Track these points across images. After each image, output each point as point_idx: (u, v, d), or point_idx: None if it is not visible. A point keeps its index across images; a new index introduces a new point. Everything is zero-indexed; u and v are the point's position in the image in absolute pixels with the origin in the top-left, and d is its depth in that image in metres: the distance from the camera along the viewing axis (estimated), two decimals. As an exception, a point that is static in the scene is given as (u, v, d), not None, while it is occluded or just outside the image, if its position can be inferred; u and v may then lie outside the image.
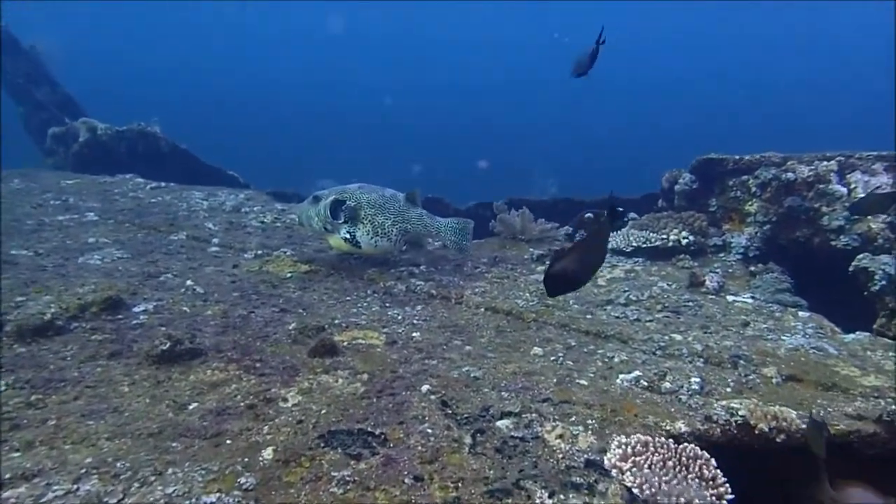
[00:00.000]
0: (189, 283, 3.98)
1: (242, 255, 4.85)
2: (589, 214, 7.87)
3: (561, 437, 2.35)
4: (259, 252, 4.90)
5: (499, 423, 2.51)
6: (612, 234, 5.70)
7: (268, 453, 2.20)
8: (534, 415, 2.53)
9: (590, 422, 2.53)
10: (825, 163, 5.12)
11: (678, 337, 3.54)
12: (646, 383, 2.90)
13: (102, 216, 5.66)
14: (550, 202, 8.94)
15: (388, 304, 4.03)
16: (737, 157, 5.73)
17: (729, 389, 2.88)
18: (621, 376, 2.97)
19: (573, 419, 2.53)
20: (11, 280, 3.67)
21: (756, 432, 2.39)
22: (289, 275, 4.43)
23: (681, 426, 2.48)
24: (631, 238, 5.40)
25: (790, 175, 5.23)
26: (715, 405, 2.61)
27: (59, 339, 2.92)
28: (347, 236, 4.54)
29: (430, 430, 2.42)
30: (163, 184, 7.53)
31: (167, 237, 5.18)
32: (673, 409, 2.65)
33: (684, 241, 5.34)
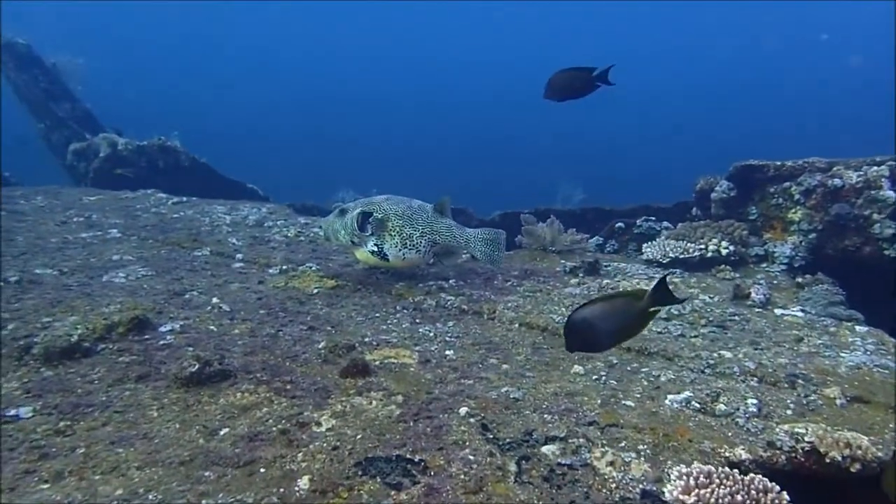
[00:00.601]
0: (215, 300, 3.95)
1: (267, 270, 4.82)
2: (620, 224, 7.74)
3: (612, 464, 2.24)
4: (284, 267, 4.87)
5: (544, 449, 2.40)
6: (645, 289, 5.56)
7: (304, 483, 2.13)
8: (581, 439, 2.42)
9: (641, 447, 2.41)
10: (875, 168, 4.94)
11: (727, 354, 3.40)
12: (698, 405, 2.77)
13: (125, 233, 5.70)
14: (579, 211, 8.82)
15: (418, 321, 3.95)
16: (777, 162, 5.57)
17: (790, 412, 2.74)
18: (670, 397, 2.84)
19: (623, 444, 2.42)
20: (37, 300, 3.68)
21: (827, 461, 2.25)
22: (315, 290, 4.39)
23: (741, 453, 2.35)
24: (668, 248, 5.26)
25: (837, 181, 5.06)
26: (777, 430, 2.48)
27: (86, 362, 2.90)
28: (375, 249, 4.48)
29: (471, 457, 2.32)
30: (184, 198, 7.58)
31: (191, 253, 5.18)
32: (730, 434, 2.52)
33: (724, 252, 5.18)
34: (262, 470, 2.18)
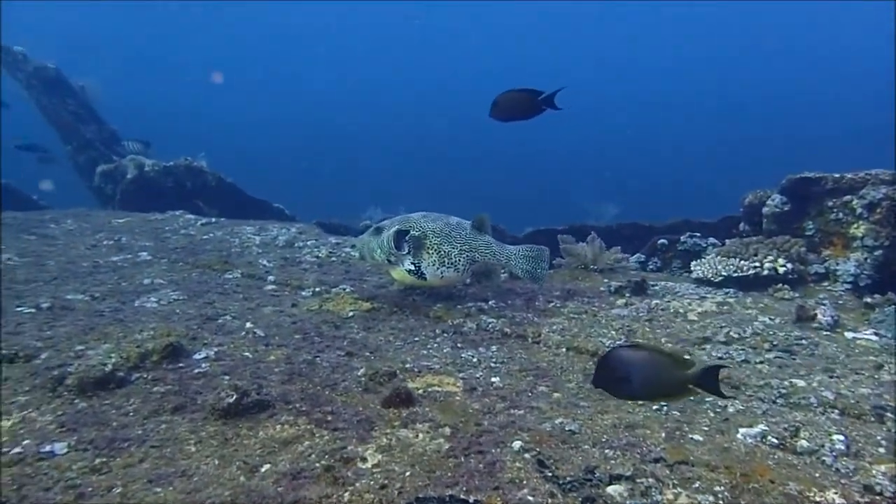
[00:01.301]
0: (248, 325, 3.89)
1: (300, 292, 4.77)
2: (663, 241, 7.54)
3: (690, 508, 2.07)
4: (317, 289, 4.81)
5: (610, 490, 2.24)
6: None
7: (353, 527, 2.01)
8: (649, 479, 2.26)
9: (718, 489, 2.24)
10: (947, 177, 4.69)
11: (800, 383, 3.19)
12: (775, 440, 2.58)
13: (156, 255, 5.72)
14: (615, 227, 8.64)
15: (459, 345, 3.84)
16: (836, 175, 5.35)
17: (882, 450, 2.53)
18: (742, 430, 2.66)
19: (697, 485, 2.25)
20: (69, 327, 3.66)
21: (935, 507, 2.05)
22: (351, 313, 4.31)
23: (833, 497, 2.16)
24: (719, 266, 5.05)
25: (904, 192, 4.82)
26: (872, 470, 2.28)
27: (120, 392, 2.84)
28: (412, 268, 4.39)
29: (531, 498, 2.18)
30: (213, 219, 7.64)
31: (221, 276, 5.17)
32: (817, 475, 2.33)
33: (781, 269, 4.96)
34: (307, 512, 2.07)
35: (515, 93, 4.04)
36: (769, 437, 2.58)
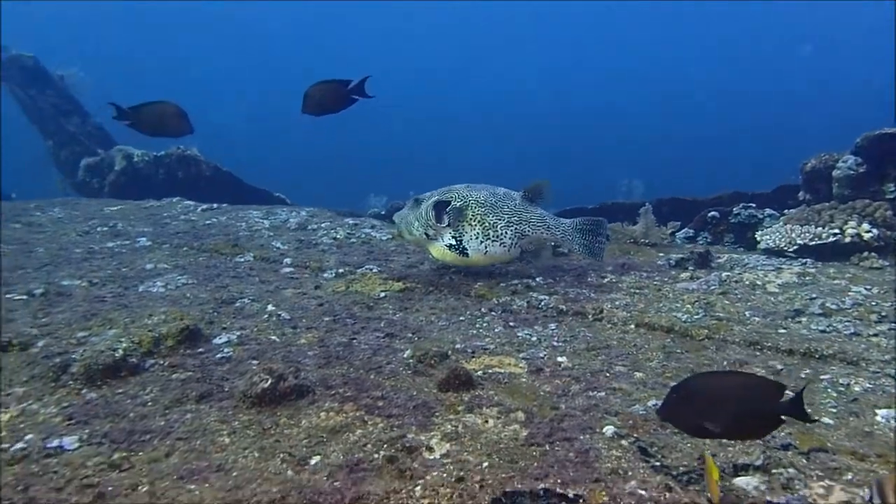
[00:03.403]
0: (270, 308, 3.64)
1: (321, 274, 4.51)
2: (714, 213, 7.25)
3: None
4: (340, 270, 4.55)
5: (739, 482, 1.98)
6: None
7: (433, 527, 1.75)
8: (789, 470, 1.99)
9: (871, 475, 1.97)
10: None
11: (927, 354, 2.92)
12: (922, 420, 2.31)
13: (156, 241, 5.47)
14: (654, 203, 8.36)
15: (512, 324, 3.57)
16: (922, 127, 5.05)
17: None
18: (882, 413, 2.39)
19: (850, 477, 1.97)
20: (68, 314, 3.42)
21: None
22: (382, 294, 4.05)
23: None
24: (794, 235, 4.76)
25: None
26: None
27: (134, 381, 2.59)
28: (453, 242, 4.12)
29: (643, 492, 1.91)
30: (214, 205, 7.39)
31: (232, 259, 4.91)
32: None
33: (867, 236, 4.66)
34: (374, 510, 1.82)
35: (324, 85, 3.82)
36: (914, 418, 2.31)
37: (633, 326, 3.55)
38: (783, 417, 1.76)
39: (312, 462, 2.06)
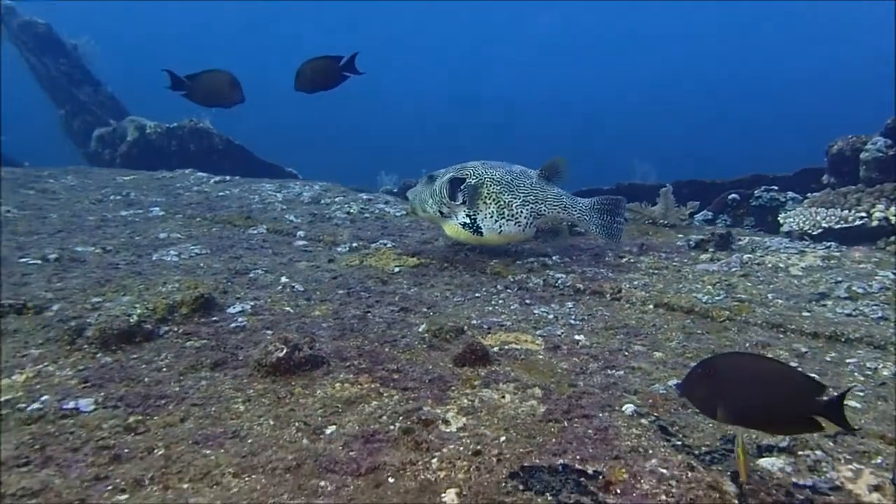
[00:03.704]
0: (284, 279, 3.63)
1: (335, 248, 4.50)
2: (734, 195, 7.16)
3: (878, 489, 1.77)
4: (354, 245, 4.53)
5: (763, 463, 1.95)
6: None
7: (450, 498, 1.74)
8: (816, 452, 1.95)
9: (899, 460, 1.93)
10: None
11: (958, 340, 2.86)
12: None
13: (169, 210, 5.48)
14: (673, 185, 8.27)
15: (528, 301, 3.54)
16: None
17: None
18: (909, 394, 2.34)
19: (880, 461, 1.94)
20: (82, 279, 3.43)
21: None
22: (396, 269, 4.03)
23: None
24: (819, 217, 4.68)
25: None
26: None
27: (149, 346, 2.59)
28: (467, 220, 4.08)
29: (664, 471, 1.89)
30: (227, 177, 7.38)
31: (245, 231, 4.91)
32: None
33: (895, 220, 4.57)
34: (390, 480, 1.81)
35: (315, 62, 3.80)
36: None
37: (651, 306, 3.51)
38: (818, 421, 1.60)
39: (328, 432, 2.05)
